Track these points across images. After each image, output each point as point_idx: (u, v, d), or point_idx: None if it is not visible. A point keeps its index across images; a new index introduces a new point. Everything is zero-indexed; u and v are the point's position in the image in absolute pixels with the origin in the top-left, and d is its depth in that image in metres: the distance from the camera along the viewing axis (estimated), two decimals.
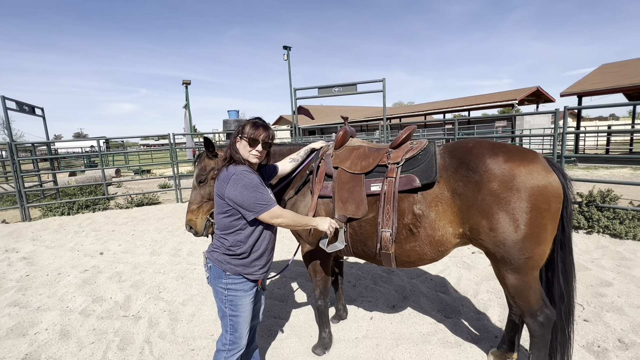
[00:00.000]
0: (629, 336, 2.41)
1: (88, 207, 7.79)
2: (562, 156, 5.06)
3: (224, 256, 1.79)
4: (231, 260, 1.78)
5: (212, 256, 1.83)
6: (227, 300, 1.81)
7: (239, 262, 1.79)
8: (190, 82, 14.16)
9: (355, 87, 7.60)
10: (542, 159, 1.76)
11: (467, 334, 2.56)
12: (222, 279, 1.79)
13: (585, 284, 3.22)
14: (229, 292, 1.80)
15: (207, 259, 1.86)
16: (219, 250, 1.80)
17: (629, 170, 10.34)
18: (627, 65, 15.49)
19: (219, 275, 1.80)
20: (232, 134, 1.84)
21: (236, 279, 1.80)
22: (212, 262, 1.82)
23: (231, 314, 1.82)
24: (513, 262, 1.71)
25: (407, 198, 1.88)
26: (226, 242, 1.78)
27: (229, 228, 1.77)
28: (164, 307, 3.20)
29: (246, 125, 1.82)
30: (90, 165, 18.04)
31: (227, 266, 1.78)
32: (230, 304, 1.81)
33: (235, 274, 1.79)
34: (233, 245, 1.77)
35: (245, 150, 1.79)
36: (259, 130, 1.79)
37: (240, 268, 1.79)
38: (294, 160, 2.26)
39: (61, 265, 4.39)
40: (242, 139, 1.79)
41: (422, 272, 3.66)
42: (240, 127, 1.82)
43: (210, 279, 1.85)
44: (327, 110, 37.78)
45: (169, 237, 5.45)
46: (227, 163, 1.78)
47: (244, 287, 1.82)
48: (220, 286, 1.81)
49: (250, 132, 1.77)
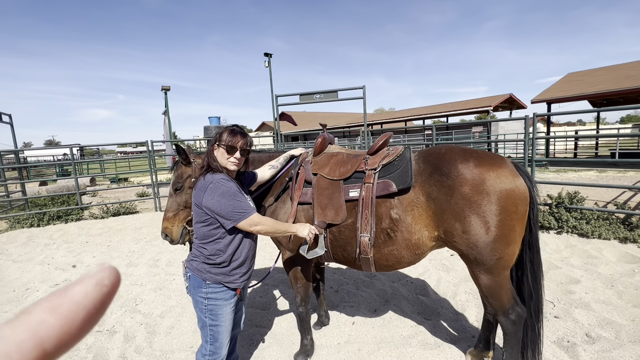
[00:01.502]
0: (595, 330, 2.54)
1: (60, 217, 7.43)
2: (534, 160, 5.31)
3: (203, 265, 1.77)
4: (211, 269, 1.76)
5: (192, 265, 1.80)
6: (207, 309, 1.78)
7: (219, 271, 1.77)
8: (169, 87, 13.87)
9: (336, 94, 7.70)
10: (509, 164, 1.86)
11: (446, 335, 2.62)
12: (202, 288, 1.77)
13: (556, 282, 3.37)
14: (209, 301, 1.78)
15: (186, 269, 1.83)
16: (199, 259, 1.78)
17: (594, 172, 10.95)
18: (591, 74, 16.50)
19: (198, 285, 1.77)
20: (210, 142, 1.83)
21: (216, 288, 1.77)
22: (192, 272, 1.79)
23: (211, 323, 1.80)
24: (485, 263, 1.78)
25: (384, 203, 1.93)
26: (205, 251, 1.76)
27: (208, 237, 1.75)
28: (141, 320, 3.09)
29: (224, 132, 1.81)
30: (62, 174, 17.26)
31: (207, 275, 1.76)
32: (211, 314, 1.79)
33: (215, 282, 1.76)
34: (212, 254, 1.75)
35: (224, 157, 1.78)
36: (237, 137, 1.78)
37: (220, 277, 1.77)
38: (273, 167, 2.27)
39: (29, 280, 4.17)
40: (220, 147, 1.78)
41: (403, 276, 3.72)
42: (218, 135, 1.81)
43: (190, 289, 1.82)
44: (310, 117, 37.97)
45: (147, 248, 5.28)
46: (204, 171, 1.77)
47: (225, 296, 1.80)
48: (200, 296, 1.78)
49: (228, 140, 1.76)
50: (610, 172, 10.84)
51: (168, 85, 13.89)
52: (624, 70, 14.84)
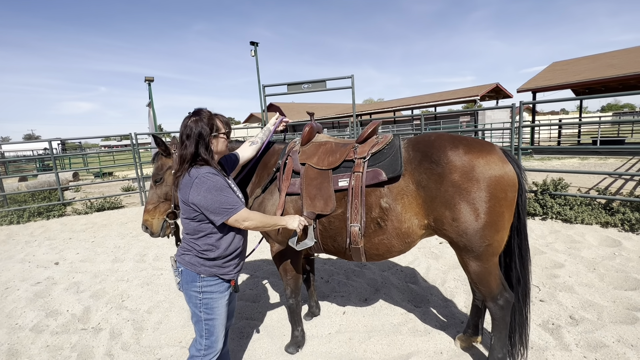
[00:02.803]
0: (579, 313, 2.61)
1: (41, 214, 7.19)
2: (520, 148, 5.38)
3: (197, 258, 1.71)
4: (205, 262, 1.71)
5: (184, 259, 1.73)
6: (202, 304, 1.74)
7: (213, 263, 1.72)
8: (153, 79, 13.44)
9: (325, 84, 7.59)
10: (498, 151, 1.85)
11: (436, 322, 2.65)
12: (196, 282, 1.71)
13: (541, 267, 3.45)
14: (203, 295, 1.72)
15: (177, 263, 1.77)
16: (191, 253, 1.72)
17: (577, 160, 11.24)
18: (574, 63, 16.79)
19: (192, 279, 1.71)
20: (196, 136, 1.67)
21: (211, 281, 1.72)
22: (184, 266, 1.72)
23: (207, 317, 1.75)
24: (475, 249, 1.78)
25: (374, 192, 1.90)
26: (197, 246, 1.70)
27: (198, 232, 1.69)
28: (128, 316, 3.02)
29: (213, 121, 1.73)
30: (43, 169, 16.67)
31: (201, 268, 1.70)
32: (206, 308, 1.74)
33: (210, 275, 1.71)
34: (206, 250, 1.70)
35: (224, 145, 1.78)
36: (224, 120, 1.80)
37: (215, 269, 1.72)
38: (254, 143, 2.21)
39: (9, 278, 4.02)
40: (220, 136, 1.74)
41: (393, 264, 3.75)
42: (210, 126, 1.70)
43: (182, 284, 1.75)
44: (299, 108, 37.60)
45: (133, 243, 5.16)
46: (187, 166, 1.65)
47: (220, 289, 1.75)
48: (194, 290, 1.72)
49: (225, 127, 1.77)
50: (592, 159, 11.15)
51: (152, 76, 13.46)
52: (607, 59, 15.15)
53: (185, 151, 1.64)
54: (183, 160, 1.65)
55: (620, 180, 7.05)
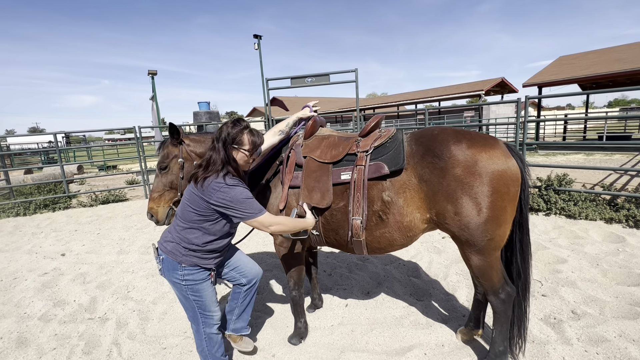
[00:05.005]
0: (580, 307, 2.62)
1: (47, 206, 7.28)
2: (524, 143, 5.34)
3: (180, 248, 1.75)
4: (188, 252, 1.76)
5: (166, 248, 1.78)
6: (187, 288, 1.81)
7: (194, 254, 1.78)
8: (156, 72, 13.45)
9: (328, 78, 7.55)
10: (502, 145, 1.84)
11: (438, 315, 2.67)
12: (178, 271, 1.77)
13: (544, 262, 3.45)
14: (186, 282, 1.80)
15: (158, 250, 1.81)
16: (174, 241, 1.77)
17: (582, 155, 11.14)
18: (581, 57, 16.51)
19: (173, 268, 1.77)
20: (222, 139, 1.72)
21: (192, 270, 1.79)
22: (166, 254, 1.77)
23: (195, 298, 1.83)
24: (477, 244, 1.78)
25: (376, 185, 1.90)
26: (186, 238, 1.76)
27: (196, 227, 1.75)
28: (133, 306, 3.07)
29: (242, 134, 1.74)
30: (48, 162, 16.81)
31: (183, 258, 1.76)
32: (192, 291, 1.82)
33: (191, 265, 1.77)
34: (193, 244, 1.76)
35: (243, 159, 1.77)
36: (254, 139, 1.78)
37: (196, 259, 1.78)
38: (282, 132, 2.19)
39: (17, 269, 4.09)
40: (241, 151, 1.75)
41: (396, 258, 3.76)
42: (234, 136, 1.73)
43: (164, 271, 1.81)
44: (302, 102, 37.42)
45: (138, 235, 5.22)
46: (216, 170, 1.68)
47: (202, 276, 1.82)
48: (176, 278, 1.79)
49: (251, 141, 1.76)
50: (598, 155, 11.04)
51: (155, 70, 13.47)
52: (614, 54, 14.89)
53: (216, 154, 1.71)
54: (214, 162, 1.70)
55: (626, 176, 6.99)
